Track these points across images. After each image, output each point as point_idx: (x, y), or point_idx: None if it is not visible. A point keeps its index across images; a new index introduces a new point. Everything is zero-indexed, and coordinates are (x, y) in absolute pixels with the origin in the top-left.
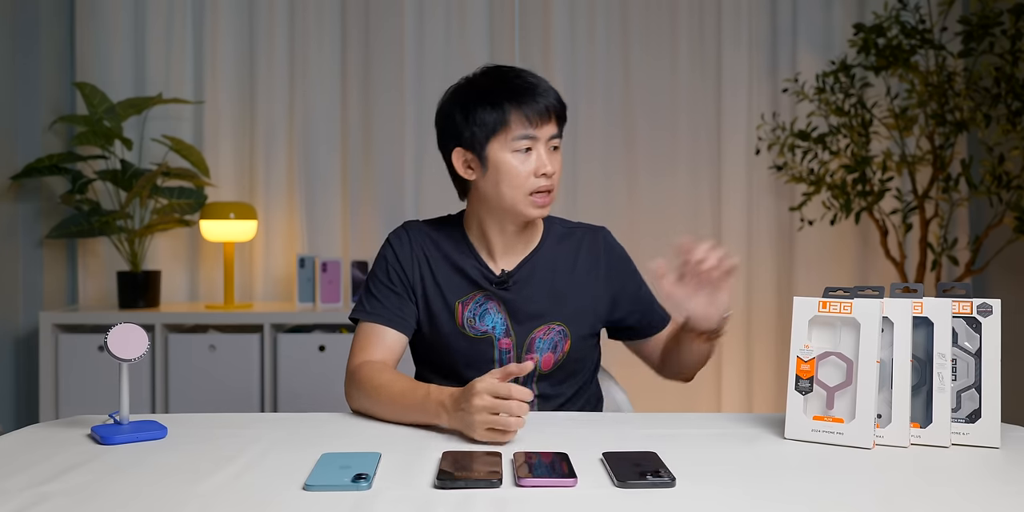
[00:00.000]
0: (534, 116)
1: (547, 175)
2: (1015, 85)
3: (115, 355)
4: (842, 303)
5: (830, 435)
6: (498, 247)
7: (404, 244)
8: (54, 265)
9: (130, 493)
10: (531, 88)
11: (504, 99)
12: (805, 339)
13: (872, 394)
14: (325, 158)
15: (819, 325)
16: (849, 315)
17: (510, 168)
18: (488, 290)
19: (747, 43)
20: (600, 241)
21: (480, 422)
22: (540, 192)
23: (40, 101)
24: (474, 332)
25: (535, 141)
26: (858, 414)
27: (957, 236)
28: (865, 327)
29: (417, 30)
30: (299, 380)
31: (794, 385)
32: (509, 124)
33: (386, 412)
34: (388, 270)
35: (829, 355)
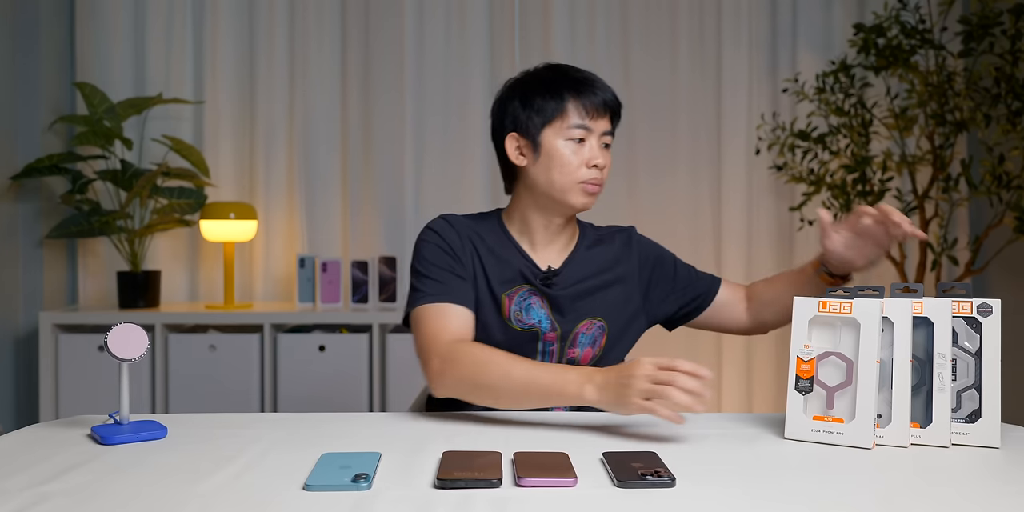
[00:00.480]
0: (591, 108)
1: (598, 167)
2: (1015, 85)
3: (115, 355)
4: (842, 303)
5: (830, 435)
6: (540, 242)
7: (450, 231)
8: (54, 265)
9: (130, 493)
10: (591, 82)
11: (564, 88)
12: (805, 339)
13: (872, 394)
14: (325, 158)
15: (819, 325)
16: (849, 315)
17: (562, 155)
18: (533, 285)
19: (747, 43)
20: (630, 239)
21: (639, 390)
22: (589, 183)
23: (40, 101)
24: (520, 325)
25: (589, 133)
26: (858, 414)
27: (957, 236)
28: (865, 327)
29: (417, 30)
30: (299, 380)
31: (794, 385)
32: (566, 112)
33: (498, 393)
34: (440, 254)
35: (829, 355)
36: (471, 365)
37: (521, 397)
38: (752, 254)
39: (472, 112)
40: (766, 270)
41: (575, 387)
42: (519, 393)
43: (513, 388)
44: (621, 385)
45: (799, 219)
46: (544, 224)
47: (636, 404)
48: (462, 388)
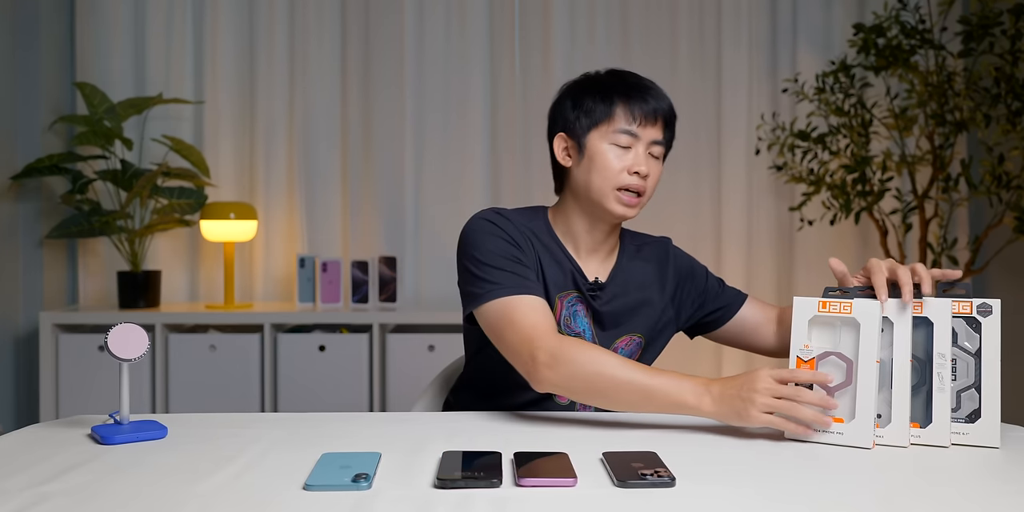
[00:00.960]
0: (640, 114)
1: (640, 175)
2: (1015, 85)
3: (115, 355)
4: (842, 303)
5: (830, 435)
6: (584, 248)
7: (508, 224)
8: (54, 265)
9: (130, 493)
10: (645, 88)
11: (615, 93)
12: (805, 339)
13: (872, 394)
14: (325, 158)
15: (819, 325)
16: (849, 315)
17: (605, 159)
18: (582, 293)
19: (747, 43)
20: (666, 252)
21: (761, 404)
22: (628, 191)
23: (40, 101)
24: (568, 331)
25: (636, 139)
26: (858, 414)
27: (957, 236)
28: (865, 327)
29: (417, 29)
30: (299, 380)
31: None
32: (613, 116)
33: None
34: (504, 245)
35: (829, 355)
36: (584, 364)
37: (638, 403)
38: (752, 254)
39: (472, 111)
40: (766, 270)
41: (693, 398)
42: (636, 400)
43: (630, 394)
44: (741, 398)
45: (799, 219)
46: (588, 230)
47: (758, 418)
48: (572, 386)
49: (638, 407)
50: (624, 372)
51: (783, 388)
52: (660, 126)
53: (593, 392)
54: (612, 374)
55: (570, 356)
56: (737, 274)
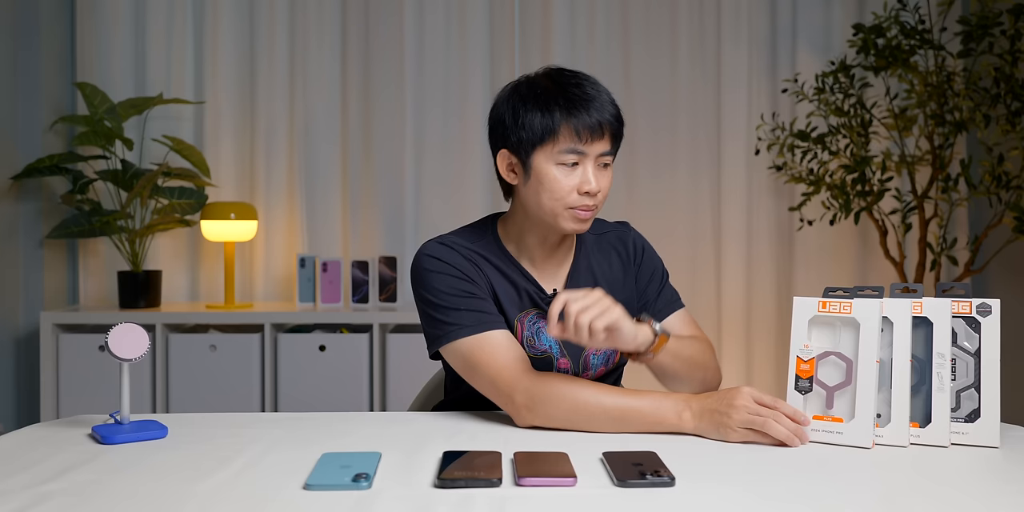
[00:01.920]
0: (584, 131)
1: (590, 194)
2: (1014, 85)
3: (116, 355)
4: (842, 303)
5: (830, 434)
6: (538, 257)
7: (453, 255)
8: (55, 265)
9: (131, 492)
10: (588, 100)
11: (557, 107)
12: (805, 339)
13: (872, 394)
14: (325, 158)
15: (819, 325)
16: (849, 315)
17: (552, 181)
18: (542, 309)
19: (746, 43)
20: (629, 242)
21: (739, 420)
22: (580, 209)
23: (41, 101)
24: (533, 352)
25: (583, 157)
26: (858, 414)
27: (956, 236)
28: (865, 327)
29: (417, 30)
30: (299, 380)
31: (794, 385)
32: (557, 135)
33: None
34: (456, 281)
35: (829, 355)
36: (563, 400)
37: (621, 426)
38: (752, 254)
39: (472, 112)
40: (766, 270)
41: (674, 416)
42: (619, 424)
43: (612, 419)
44: (721, 413)
45: (799, 219)
46: (540, 240)
47: (737, 433)
48: (555, 421)
49: (622, 429)
50: (602, 400)
51: (762, 409)
52: (607, 138)
53: (576, 422)
54: (591, 404)
55: (547, 394)
56: (737, 274)
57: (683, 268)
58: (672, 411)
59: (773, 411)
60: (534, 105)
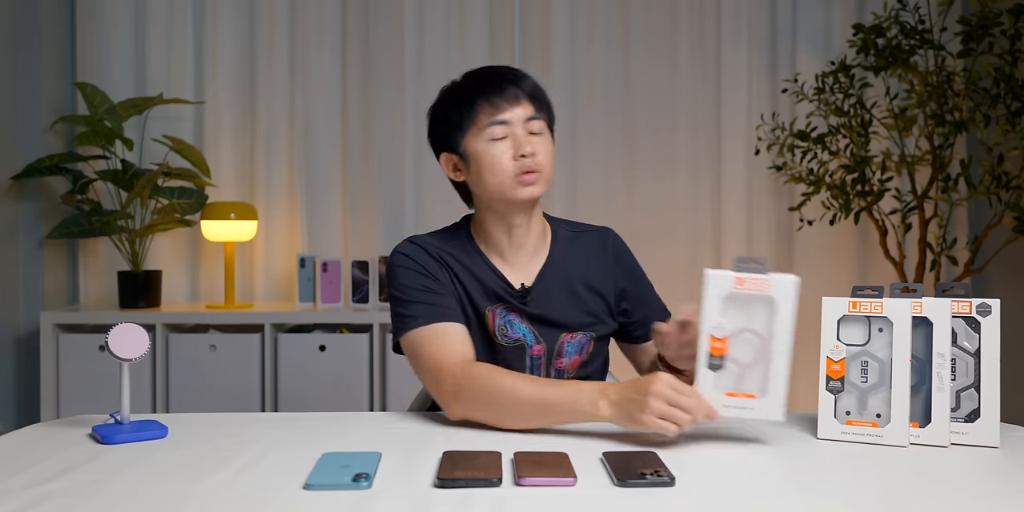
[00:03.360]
0: (500, 102)
1: (526, 156)
2: (1014, 85)
3: (116, 355)
4: (758, 280)
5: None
6: (508, 252)
7: (421, 253)
8: (55, 265)
9: (131, 492)
10: (497, 76)
11: (472, 94)
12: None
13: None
14: (325, 158)
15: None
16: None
17: (487, 156)
18: (510, 302)
19: (746, 43)
20: (608, 242)
21: (654, 408)
22: (526, 172)
23: (41, 101)
24: (506, 340)
25: (508, 125)
26: (769, 389)
27: (956, 236)
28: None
29: (417, 30)
30: (299, 380)
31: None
32: (477, 114)
33: (513, 414)
34: (418, 277)
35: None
36: (484, 389)
37: (536, 416)
38: (752, 254)
39: None
40: None
41: (589, 405)
42: (534, 412)
43: (531, 409)
44: (636, 402)
45: (799, 219)
46: (505, 231)
47: (650, 422)
48: (477, 409)
49: (542, 420)
50: (522, 390)
51: (679, 399)
52: (528, 103)
53: (499, 414)
54: (511, 393)
55: (469, 386)
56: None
57: (683, 268)
58: (588, 400)
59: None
60: (454, 101)
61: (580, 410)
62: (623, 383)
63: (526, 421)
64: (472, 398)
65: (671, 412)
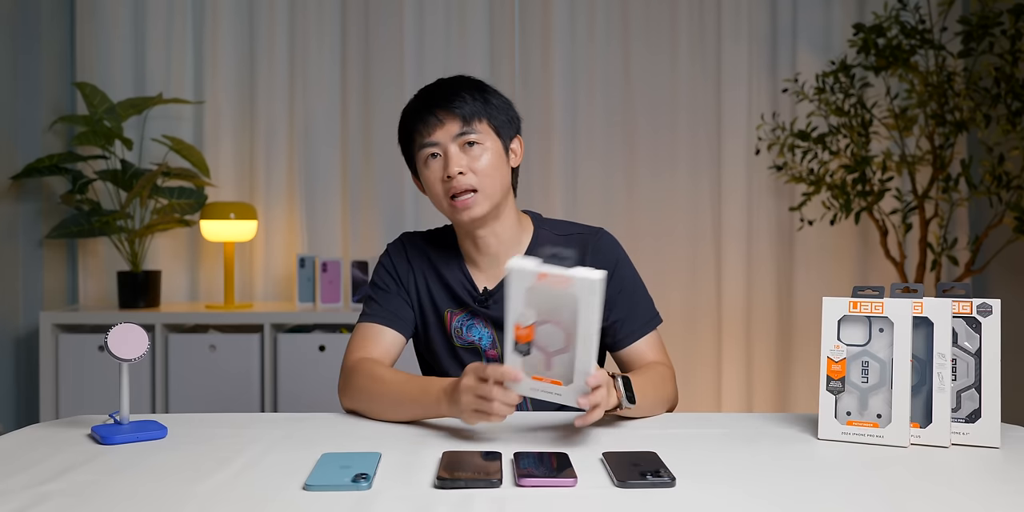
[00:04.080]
0: (425, 127)
1: (451, 177)
2: (1015, 85)
3: (115, 355)
4: (560, 276)
5: (548, 395)
6: (477, 257)
7: (400, 254)
8: (54, 265)
9: (130, 493)
10: (427, 100)
11: (409, 120)
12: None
13: (590, 358)
14: (325, 158)
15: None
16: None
17: (424, 179)
18: (472, 307)
19: (747, 40)
20: (590, 247)
21: (466, 403)
22: (457, 195)
23: (40, 101)
24: (461, 342)
25: (438, 146)
26: (575, 378)
27: (957, 236)
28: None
29: (417, 30)
30: (299, 380)
31: (512, 347)
32: (412, 140)
33: (382, 405)
34: (385, 277)
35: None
36: (362, 381)
37: (398, 409)
38: (752, 254)
39: None
40: (766, 270)
41: (435, 401)
42: (395, 405)
43: (391, 400)
44: (455, 401)
45: (799, 219)
46: (471, 241)
47: (471, 418)
48: (357, 402)
49: (404, 413)
50: (390, 384)
51: (481, 387)
52: (455, 120)
53: (370, 403)
54: (380, 386)
55: (353, 376)
56: (737, 274)
57: (683, 268)
58: (434, 398)
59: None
60: (401, 128)
61: (429, 406)
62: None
63: (393, 413)
64: (351, 389)
65: (479, 403)
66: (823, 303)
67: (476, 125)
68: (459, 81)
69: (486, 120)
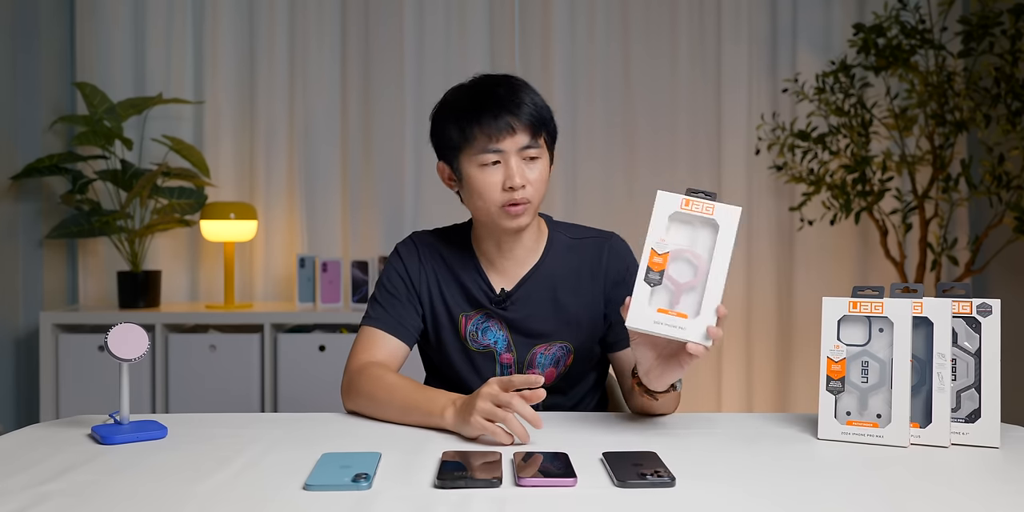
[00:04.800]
0: (495, 132)
1: (514, 188)
2: (1015, 85)
3: (115, 355)
4: (704, 204)
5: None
6: (497, 259)
7: (412, 255)
8: (54, 265)
9: (130, 493)
10: (496, 102)
11: (467, 115)
12: (662, 233)
13: (717, 295)
14: (325, 158)
15: (678, 222)
16: (710, 216)
17: (478, 182)
18: (489, 309)
19: (747, 40)
20: (605, 249)
21: (480, 408)
22: (512, 204)
23: (40, 101)
24: (476, 346)
25: (502, 154)
26: (702, 311)
27: (957, 236)
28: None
29: (417, 30)
30: (299, 380)
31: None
32: (472, 140)
33: (386, 410)
34: (395, 279)
35: (684, 252)
36: (368, 385)
37: (401, 414)
38: (752, 254)
39: None
40: (766, 270)
41: (440, 410)
42: (400, 411)
43: (397, 407)
44: (468, 405)
45: (799, 219)
46: (495, 243)
47: (476, 423)
48: (361, 405)
49: (407, 419)
50: (397, 390)
51: (502, 396)
52: (525, 131)
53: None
54: (387, 391)
55: (360, 378)
56: (737, 274)
57: None
58: (439, 407)
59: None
60: (451, 115)
61: (431, 415)
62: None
63: (398, 417)
64: (359, 394)
65: (494, 411)
66: (823, 303)
67: (539, 139)
68: (524, 86)
69: (544, 133)
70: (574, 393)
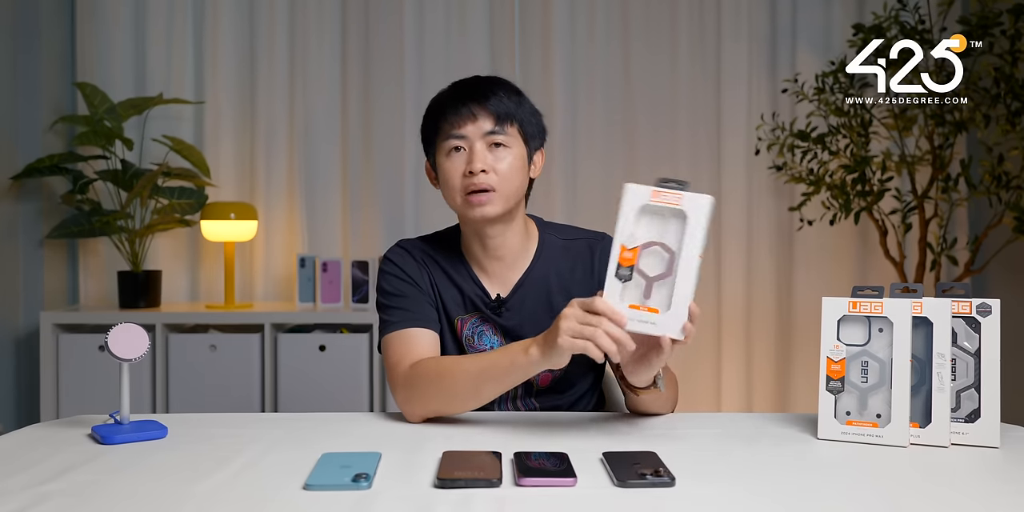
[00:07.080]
0: (455, 118)
1: (473, 173)
2: (1014, 85)
3: (115, 355)
4: (674, 194)
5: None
6: (486, 260)
7: (407, 258)
8: (55, 265)
9: (130, 493)
10: (466, 94)
11: (438, 109)
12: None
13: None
14: (325, 158)
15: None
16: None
17: (443, 171)
18: (484, 313)
19: (747, 41)
20: (597, 250)
21: (565, 328)
22: (474, 192)
23: (40, 101)
24: (472, 350)
25: (465, 140)
26: (673, 305)
27: (956, 236)
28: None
29: (417, 29)
30: (299, 380)
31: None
32: (440, 130)
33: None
34: (396, 282)
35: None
36: (426, 378)
37: (482, 385)
38: (752, 254)
39: None
40: (766, 270)
41: (521, 350)
42: (479, 382)
43: (472, 379)
44: (553, 330)
45: (799, 219)
46: (480, 243)
47: (566, 341)
48: (430, 404)
49: (487, 385)
50: (462, 363)
51: (588, 316)
52: (488, 118)
53: (449, 398)
54: (451, 370)
55: (416, 375)
56: (737, 274)
57: None
58: (520, 348)
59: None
60: (428, 115)
61: (515, 361)
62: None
63: (475, 390)
64: (420, 395)
65: (581, 329)
66: (823, 303)
67: (507, 127)
68: (497, 81)
69: (517, 124)
70: (569, 395)
